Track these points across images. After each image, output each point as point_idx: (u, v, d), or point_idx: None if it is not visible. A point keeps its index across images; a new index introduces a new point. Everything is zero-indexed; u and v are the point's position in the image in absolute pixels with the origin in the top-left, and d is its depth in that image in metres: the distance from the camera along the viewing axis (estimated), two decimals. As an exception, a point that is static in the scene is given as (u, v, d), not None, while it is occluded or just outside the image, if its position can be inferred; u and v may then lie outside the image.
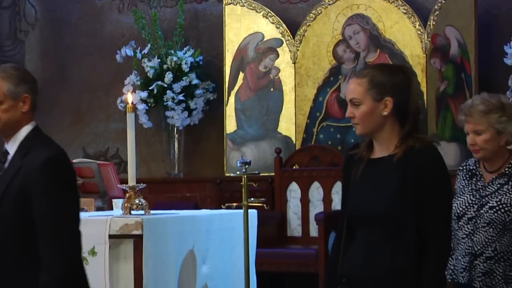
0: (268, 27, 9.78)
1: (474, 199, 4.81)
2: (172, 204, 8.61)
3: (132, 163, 5.92)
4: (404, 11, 9.27)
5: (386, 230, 3.98)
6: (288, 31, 9.70)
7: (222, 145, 9.76)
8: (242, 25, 9.85)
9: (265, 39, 9.79)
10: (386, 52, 9.32)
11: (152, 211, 6.05)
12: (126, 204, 6.02)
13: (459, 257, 4.78)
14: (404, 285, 3.96)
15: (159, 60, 9.92)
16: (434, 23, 9.09)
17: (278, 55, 9.75)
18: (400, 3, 9.27)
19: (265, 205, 6.91)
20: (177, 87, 9.80)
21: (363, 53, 9.44)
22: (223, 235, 6.16)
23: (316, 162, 9.19)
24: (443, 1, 9.05)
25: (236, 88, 9.83)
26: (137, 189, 5.95)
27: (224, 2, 9.91)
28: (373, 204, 4.01)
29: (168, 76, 9.79)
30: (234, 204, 6.49)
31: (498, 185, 4.78)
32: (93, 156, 10.13)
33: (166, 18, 10.27)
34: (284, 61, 9.72)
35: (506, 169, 4.79)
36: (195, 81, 9.89)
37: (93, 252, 5.96)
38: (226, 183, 9.35)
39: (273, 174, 9.29)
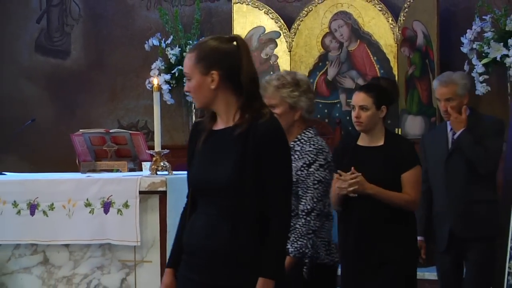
0: (268, 22, 9.76)
1: None
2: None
3: (158, 133, 5.91)
4: (380, 8, 9.24)
5: (225, 202, 3.28)
6: (285, 25, 9.68)
7: (231, 118, 9.73)
8: (247, 20, 9.83)
9: (266, 31, 9.77)
10: (365, 42, 9.30)
11: (174, 172, 6.03)
12: (153, 166, 6.02)
13: None
14: (242, 257, 3.25)
15: (179, 48, 9.91)
16: (404, 18, 9.07)
17: (276, 45, 9.73)
18: (376, 2, 9.25)
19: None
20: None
21: (346, 43, 9.42)
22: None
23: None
24: (411, 1, 9.04)
25: (242, 72, 9.80)
26: (162, 154, 5.95)
27: (232, 1, 9.89)
28: (213, 176, 3.33)
29: (187, 62, 9.77)
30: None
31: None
32: (126, 127, 10.13)
33: (186, 14, 10.25)
34: (281, 50, 9.70)
35: (292, 143, 4.17)
36: (209, 66, 9.88)
37: (126, 205, 5.96)
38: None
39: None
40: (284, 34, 9.68)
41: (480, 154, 5.12)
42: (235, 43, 3.35)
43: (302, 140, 4.08)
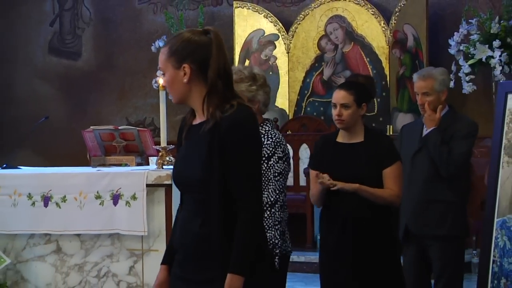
0: (268, 25, 9.74)
1: None
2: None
3: (164, 129, 5.89)
4: (372, 12, 9.23)
5: (197, 196, 3.06)
6: (283, 28, 9.67)
7: (232, 116, 9.74)
8: (247, 23, 9.81)
9: (265, 34, 9.76)
10: (358, 44, 9.29)
11: (179, 166, 6.03)
12: (159, 161, 6.01)
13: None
14: (211, 252, 3.01)
15: (184, 50, 9.90)
16: (395, 22, 9.06)
17: (275, 47, 9.72)
18: (369, 6, 9.24)
19: (265, 162, 6.89)
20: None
21: (341, 45, 9.41)
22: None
23: (305, 128, 9.18)
24: (402, 5, 9.03)
25: (243, 72, 9.79)
26: (167, 149, 5.94)
27: (234, 6, 9.88)
28: (187, 170, 3.10)
29: (191, 63, 9.77)
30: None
31: None
32: (134, 124, 10.14)
33: (190, 18, 10.23)
34: (280, 51, 9.69)
35: None
36: (212, 67, 9.87)
37: (134, 197, 5.95)
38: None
39: (271, 137, 9.28)
40: (283, 36, 9.67)
41: (443, 156, 4.88)
42: (208, 35, 3.09)
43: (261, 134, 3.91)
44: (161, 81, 6.11)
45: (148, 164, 6.71)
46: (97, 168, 6.58)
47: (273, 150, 3.82)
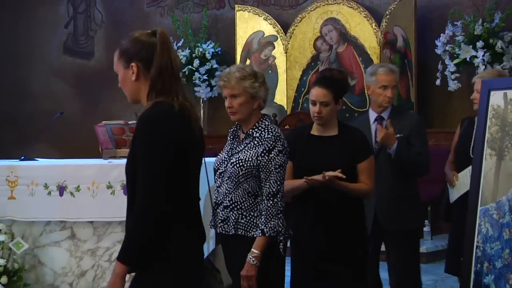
0: (267, 27, 9.73)
1: (226, 156, 3.95)
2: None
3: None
4: (364, 15, 9.22)
5: (128, 188, 2.97)
6: (281, 29, 9.66)
7: (234, 111, 9.74)
8: (248, 26, 9.80)
9: (265, 35, 9.75)
10: (351, 45, 9.28)
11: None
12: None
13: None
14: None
15: (189, 50, 9.89)
16: (385, 24, 9.05)
17: (274, 47, 9.71)
18: (362, 9, 9.23)
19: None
20: (202, 70, 9.79)
21: (335, 46, 9.40)
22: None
23: (302, 123, 9.17)
24: (392, 8, 9.02)
25: (244, 70, 9.79)
26: (174, 142, 5.93)
27: (235, 9, 9.87)
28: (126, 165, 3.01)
29: (196, 62, 9.76)
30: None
31: (244, 144, 3.88)
32: (143, 119, 10.13)
33: (195, 20, 10.22)
34: (278, 51, 9.68)
35: (251, 130, 3.88)
36: (215, 66, 9.86)
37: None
38: (237, 138, 9.35)
39: (270, 132, 9.28)
40: (281, 37, 9.66)
41: (419, 163, 4.76)
42: (155, 36, 2.98)
43: (260, 128, 3.86)
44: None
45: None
46: (108, 160, 6.57)
47: (273, 143, 3.79)
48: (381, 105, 4.97)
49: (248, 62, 9.74)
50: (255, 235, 3.73)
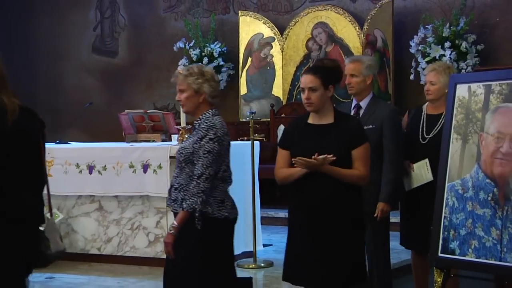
0: (266, 30, 9.70)
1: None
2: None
3: (183, 113, 5.89)
4: (349, 20, 9.18)
5: None
6: (278, 32, 9.62)
7: (237, 102, 9.73)
8: (250, 28, 9.77)
9: (264, 37, 9.71)
10: (338, 45, 9.25)
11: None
12: (179, 138, 6.01)
13: None
14: None
15: (199, 50, 9.86)
16: (367, 27, 9.02)
17: (272, 47, 9.68)
18: (347, 15, 9.20)
19: (264, 138, 6.90)
20: (210, 66, 9.76)
21: (324, 46, 9.37)
22: (239, 156, 6.16)
23: (296, 112, 9.15)
24: (373, 14, 8.99)
25: (246, 67, 9.77)
26: (186, 128, 5.93)
27: (239, 14, 9.84)
28: None
29: (205, 60, 9.73)
30: (245, 137, 6.47)
31: (192, 135, 3.85)
32: (159, 108, 10.10)
33: (204, 24, 10.18)
34: (276, 51, 9.65)
35: (196, 122, 3.82)
36: (221, 63, 9.84)
37: (160, 167, 5.97)
38: (240, 125, 9.34)
39: (269, 119, 9.28)
40: (278, 38, 9.63)
41: (397, 178, 4.45)
42: None
43: (202, 119, 3.79)
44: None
45: (171, 140, 6.73)
46: (130, 143, 6.58)
47: (206, 132, 3.70)
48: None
49: (249, 59, 9.73)
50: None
